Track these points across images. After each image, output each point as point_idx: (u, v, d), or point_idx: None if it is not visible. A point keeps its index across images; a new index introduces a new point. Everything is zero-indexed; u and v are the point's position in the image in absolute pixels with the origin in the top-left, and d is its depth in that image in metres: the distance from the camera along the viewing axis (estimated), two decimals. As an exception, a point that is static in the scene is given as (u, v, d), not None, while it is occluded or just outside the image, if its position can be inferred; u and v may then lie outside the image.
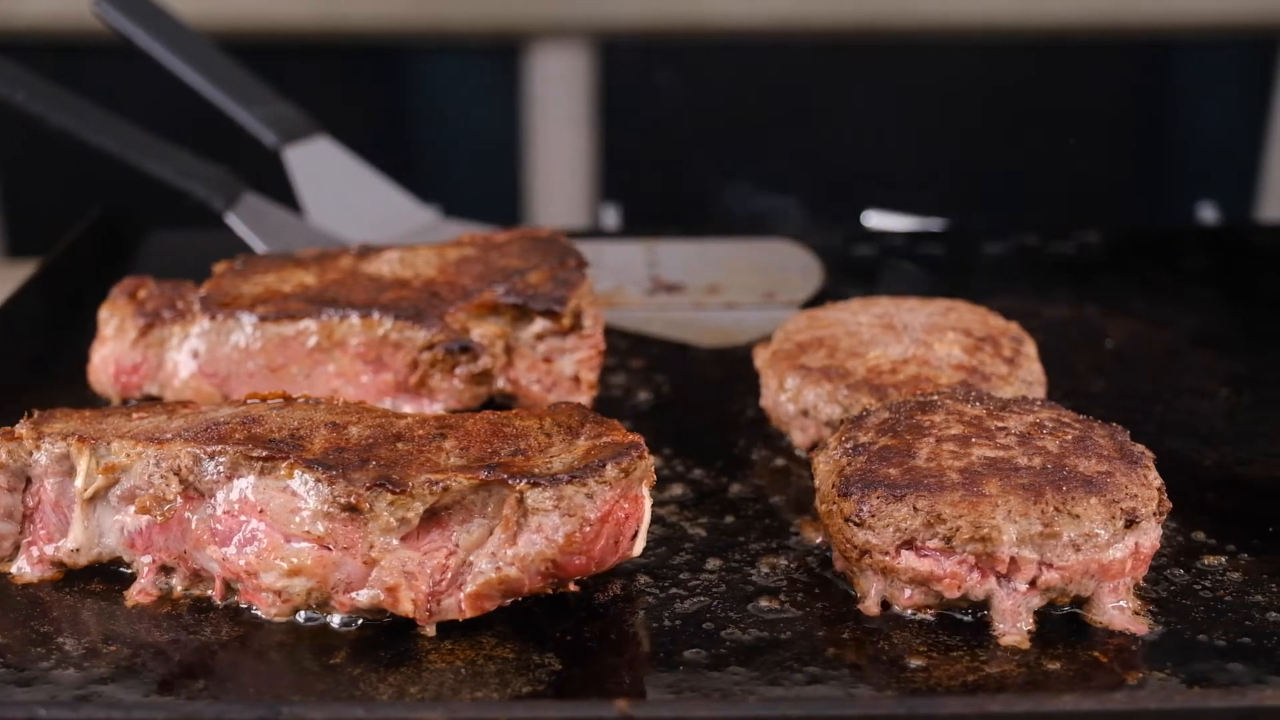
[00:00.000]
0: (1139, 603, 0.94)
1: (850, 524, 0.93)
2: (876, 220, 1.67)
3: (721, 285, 1.37)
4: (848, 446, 0.97)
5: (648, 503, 0.95)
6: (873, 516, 0.92)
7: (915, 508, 0.91)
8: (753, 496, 1.06)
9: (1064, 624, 0.92)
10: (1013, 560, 0.90)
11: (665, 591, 0.95)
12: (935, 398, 1.01)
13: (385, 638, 0.90)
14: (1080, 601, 0.93)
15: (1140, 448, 0.97)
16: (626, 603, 0.94)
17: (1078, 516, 0.90)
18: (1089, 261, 1.47)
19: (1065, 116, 2.52)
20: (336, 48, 2.43)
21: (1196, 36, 2.55)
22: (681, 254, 1.43)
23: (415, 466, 0.91)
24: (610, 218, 1.72)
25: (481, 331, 1.13)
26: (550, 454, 0.93)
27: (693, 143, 2.49)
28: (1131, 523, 0.91)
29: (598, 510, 0.90)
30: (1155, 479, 0.95)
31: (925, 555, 0.91)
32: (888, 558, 0.92)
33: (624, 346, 1.28)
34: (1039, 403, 1.01)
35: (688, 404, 1.19)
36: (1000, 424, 0.97)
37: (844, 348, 1.11)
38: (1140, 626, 0.92)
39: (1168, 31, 2.50)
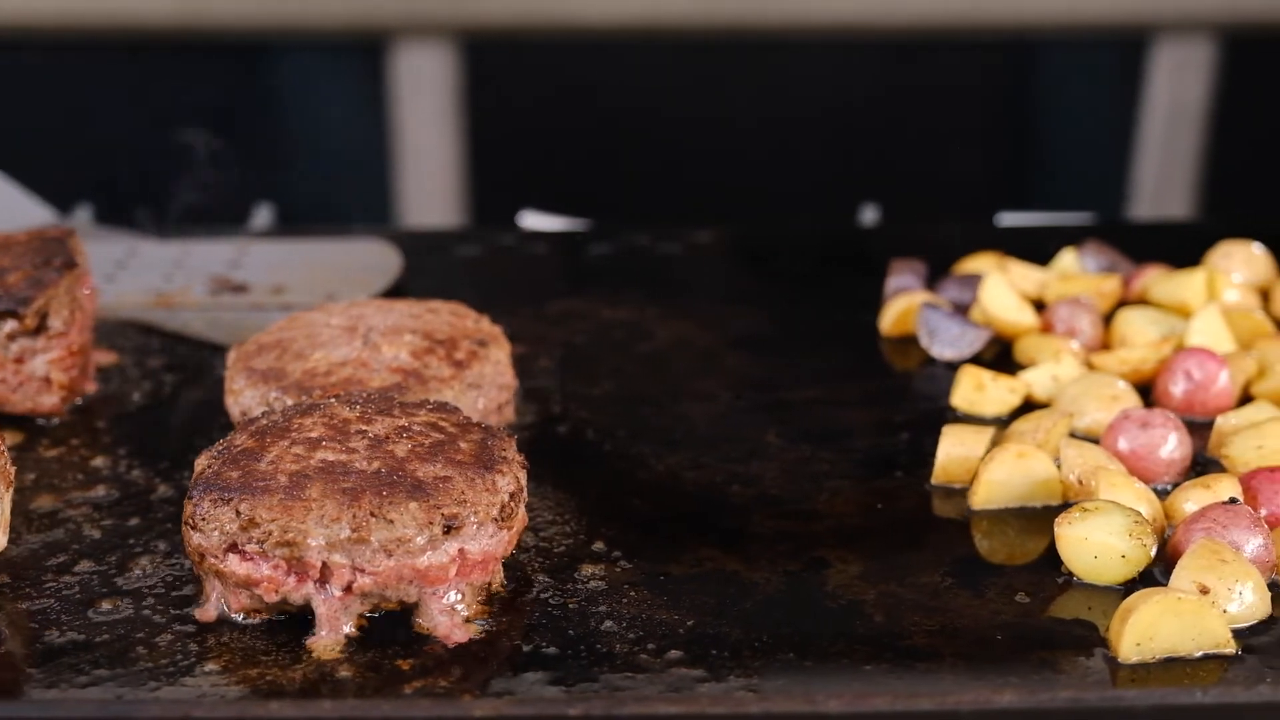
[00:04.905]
0: (481, 609, 0.93)
1: (187, 526, 0.93)
2: (531, 220, 1.66)
3: (287, 285, 1.36)
4: (219, 449, 0.97)
5: (-13, 505, 0.95)
6: (203, 520, 0.92)
7: (238, 511, 0.91)
8: (174, 499, 1.05)
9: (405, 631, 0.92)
10: (325, 565, 0.90)
11: (17, 592, 0.95)
12: (331, 401, 1.01)
13: None
14: (410, 607, 0.92)
15: (512, 455, 0.96)
16: (-32, 605, 0.94)
17: (392, 521, 0.90)
18: (687, 262, 1.46)
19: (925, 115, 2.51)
20: (198, 45, 2.44)
21: (1057, 36, 2.53)
22: (271, 253, 1.43)
23: None
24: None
25: (-53, 332, 1.13)
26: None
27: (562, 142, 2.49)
28: (451, 528, 0.91)
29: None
30: (508, 485, 0.94)
31: (247, 559, 0.91)
32: (217, 561, 0.92)
33: (155, 347, 1.28)
34: (430, 405, 1.00)
35: (177, 405, 1.19)
36: (365, 427, 0.97)
37: (294, 350, 1.11)
38: (462, 634, 0.91)
39: (1024, 31, 2.48)
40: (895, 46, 2.46)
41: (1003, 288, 1.26)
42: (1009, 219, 1.68)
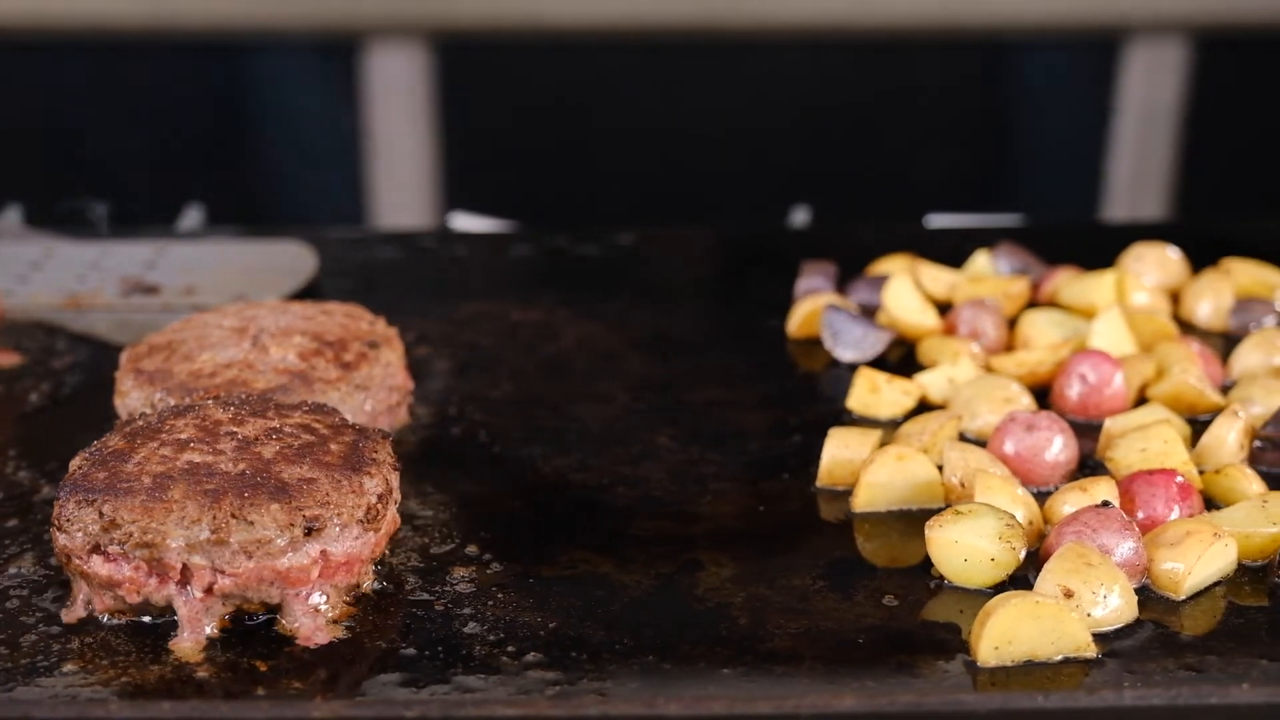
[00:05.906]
0: (347, 610, 0.93)
1: (54, 527, 0.93)
2: (462, 221, 1.66)
3: (199, 287, 1.36)
4: (92, 450, 0.97)
5: None
6: (68, 521, 0.92)
7: (101, 512, 0.91)
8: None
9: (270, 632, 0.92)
10: (185, 567, 0.90)
11: (-115, 595, 0.95)
12: (208, 403, 1.01)
13: None
14: (275, 609, 0.92)
15: (383, 457, 0.96)
16: None
17: (252, 523, 0.90)
18: (604, 263, 1.45)
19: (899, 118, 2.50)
20: (167, 45, 2.45)
21: (1030, 38, 2.52)
22: (188, 255, 1.43)
23: None
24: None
25: None
26: None
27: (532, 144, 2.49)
28: (313, 530, 0.91)
29: None
30: (375, 487, 0.94)
31: (110, 560, 0.91)
32: (81, 562, 0.92)
33: (60, 348, 1.28)
34: (305, 407, 1.00)
35: (75, 406, 1.19)
36: (235, 429, 0.97)
37: (183, 351, 1.11)
38: (324, 636, 0.91)
39: (998, 33, 2.48)
40: (867, 47, 2.46)
41: (907, 289, 1.26)
42: (939, 220, 1.67)
